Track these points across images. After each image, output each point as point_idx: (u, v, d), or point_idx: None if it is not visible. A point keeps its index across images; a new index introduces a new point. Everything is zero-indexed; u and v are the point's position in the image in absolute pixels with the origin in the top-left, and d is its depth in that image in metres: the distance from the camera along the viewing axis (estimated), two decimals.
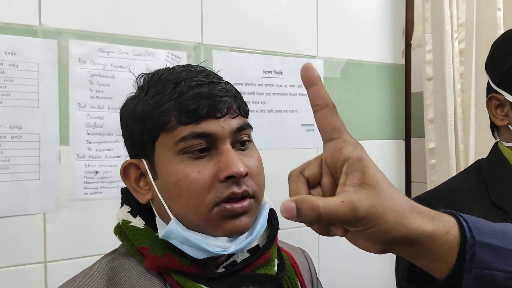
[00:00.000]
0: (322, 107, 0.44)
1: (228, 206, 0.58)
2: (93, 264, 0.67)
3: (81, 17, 1.07)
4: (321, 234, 0.46)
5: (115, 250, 0.68)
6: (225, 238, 0.60)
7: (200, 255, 0.59)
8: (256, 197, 0.62)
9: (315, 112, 0.44)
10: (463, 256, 0.45)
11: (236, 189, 0.58)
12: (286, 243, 0.81)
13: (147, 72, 0.67)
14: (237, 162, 0.58)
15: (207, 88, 0.60)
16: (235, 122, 0.61)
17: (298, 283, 0.71)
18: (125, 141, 0.68)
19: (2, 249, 0.99)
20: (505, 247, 0.45)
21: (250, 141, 0.65)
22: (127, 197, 0.68)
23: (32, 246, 1.02)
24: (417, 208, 0.43)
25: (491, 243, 0.45)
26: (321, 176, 0.46)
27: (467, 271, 0.45)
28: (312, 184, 0.46)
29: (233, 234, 0.60)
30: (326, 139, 0.45)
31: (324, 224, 0.44)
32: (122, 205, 0.68)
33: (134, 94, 0.67)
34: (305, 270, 0.79)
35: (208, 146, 0.60)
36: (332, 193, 0.45)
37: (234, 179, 0.58)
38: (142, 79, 0.66)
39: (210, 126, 0.59)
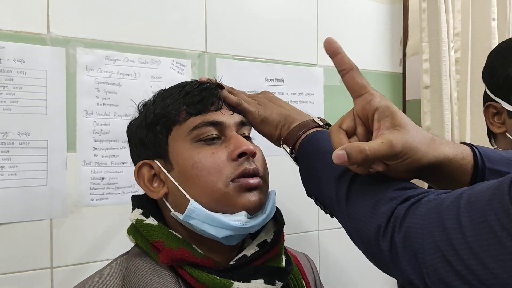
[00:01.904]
0: (348, 70, 0.55)
1: (243, 180, 0.64)
2: (107, 265, 0.69)
3: (89, 26, 1.08)
4: (363, 173, 0.55)
5: (128, 252, 0.70)
6: (243, 213, 0.63)
7: (220, 233, 0.62)
8: (264, 179, 0.68)
9: (343, 75, 0.56)
10: (475, 179, 0.55)
11: (248, 166, 0.64)
12: (290, 248, 0.84)
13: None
14: (247, 141, 0.66)
15: (209, 85, 0.70)
16: (237, 117, 0.69)
17: (303, 282, 0.73)
18: (135, 154, 0.73)
19: (9, 254, 1.00)
20: (510, 171, 0.56)
21: (251, 138, 0.73)
22: (138, 202, 0.71)
23: (38, 251, 1.03)
24: (438, 139, 0.54)
25: (498, 169, 0.56)
26: (355, 127, 0.55)
27: None
28: (349, 135, 0.55)
29: (249, 208, 0.64)
30: (356, 96, 0.55)
31: (369, 163, 0.52)
32: (133, 210, 0.70)
33: (138, 115, 0.74)
34: (309, 273, 0.81)
35: (218, 135, 0.66)
36: (366, 139, 0.54)
37: (246, 156, 0.65)
38: (142, 105, 0.74)
39: (218, 116, 0.67)
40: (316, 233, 1.43)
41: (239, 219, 0.62)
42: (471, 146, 0.58)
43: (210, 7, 1.25)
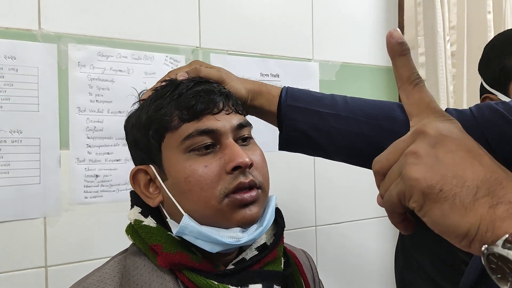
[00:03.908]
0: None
1: (237, 196, 0.60)
2: (105, 263, 0.67)
3: (81, 22, 1.07)
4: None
5: (126, 250, 0.69)
6: (237, 229, 0.61)
7: (214, 249, 0.61)
8: (262, 188, 0.64)
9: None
10: (280, 112, 0.75)
11: (243, 179, 0.61)
12: (289, 245, 0.83)
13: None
14: (242, 153, 0.61)
15: (203, 86, 0.65)
16: (235, 119, 0.65)
17: (302, 281, 0.72)
18: (131, 152, 0.71)
19: (2, 253, 0.99)
20: (308, 108, 0.75)
21: (251, 138, 0.68)
22: (137, 198, 0.69)
23: (32, 250, 1.02)
24: (251, 80, 0.77)
25: (298, 106, 0.75)
26: None
27: (283, 121, 0.76)
28: None
29: (244, 224, 0.62)
30: None
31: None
32: (132, 206, 0.69)
33: (136, 108, 0.70)
34: (307, 270, 0.81)
35: (212, 143, 0.62)
36: None
37: (241, 169, 0.61)
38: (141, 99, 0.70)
39: (212, 122, 0.62)
40: (313, 229, 1.42)
41: (232, 236, 0.60)
42: (286, 87, 0.78)
43: (203, 2, 1.23)
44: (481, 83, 1.05)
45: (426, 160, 0.36)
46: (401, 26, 1.65)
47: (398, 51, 0.41)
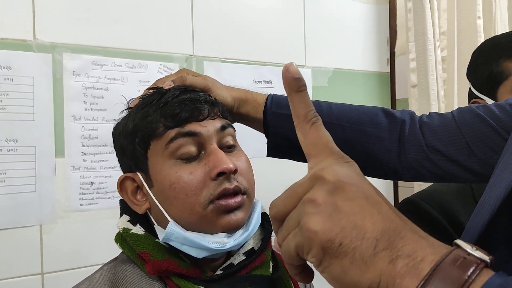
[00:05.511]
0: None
1: (222, 202, 0.61)
2: (95, 272, 0.68)
3: (75, 31, 1.09)
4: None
5: (116, 258, 0.70)
6: (223, 234, 0.62)
7: (200, 254, 0.61)
8: (247, 193, 0.65)
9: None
10: (266, 119, 0.75)
11: (228, 185, 0.61)
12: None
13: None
14: (226, 159, 0.61)
15: (189, 94, 0.66)
16: (218, 123, 0.65)
17: (292, 284, 0.73)
18: (119, 160, 0.71)
19: None
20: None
21: (236, 145, 0.69)
22: (126, 207, 0.69)
23: (29, 258, 1.03)
24: (237, 88, 0.77)
25: (282, 113, 0.74)
26: None
27: (268, 128, 0.75)
28: None
29: (230, 229, 0.62)
30: None
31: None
32: (121, 215, 0.70)
33: (124, 115, 0.71)
34: None
35: (197, 153, 0.63)
36: None
37: (225, 175, 0.61)
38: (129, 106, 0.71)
39: (195, 127, 0.63)
40: None
41: (218, 241, 0.61)
42: (271, 94, 0.78)
43: (196, 11, 1.25)
44: (470, 88, 1.07)
45: (325, 209, 0.34)
46: (393, 32, 1.67)
47: (295, 87, 0.39)
